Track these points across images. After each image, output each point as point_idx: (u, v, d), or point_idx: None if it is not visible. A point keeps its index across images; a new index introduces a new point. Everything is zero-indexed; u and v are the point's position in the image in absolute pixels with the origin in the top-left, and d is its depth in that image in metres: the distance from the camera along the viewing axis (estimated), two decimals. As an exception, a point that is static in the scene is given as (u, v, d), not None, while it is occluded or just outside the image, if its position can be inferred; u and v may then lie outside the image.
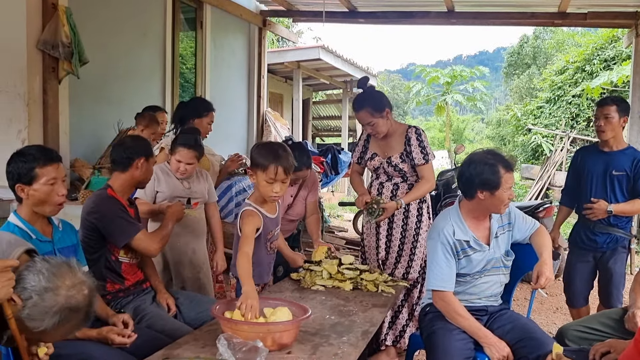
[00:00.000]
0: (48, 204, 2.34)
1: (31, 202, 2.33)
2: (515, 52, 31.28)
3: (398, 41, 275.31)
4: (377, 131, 3.54)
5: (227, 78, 7.73)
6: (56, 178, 2.33)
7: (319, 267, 3.24)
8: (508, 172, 2.67)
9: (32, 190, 2.30)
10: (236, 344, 1.88)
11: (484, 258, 2.79)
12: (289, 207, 3.78)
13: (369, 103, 3.51)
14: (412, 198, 3.58)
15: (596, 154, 3.85)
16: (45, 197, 2.32)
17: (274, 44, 15.11)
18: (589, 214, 3.74)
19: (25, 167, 2.29)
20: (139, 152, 2.89)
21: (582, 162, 3.90)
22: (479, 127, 37.60)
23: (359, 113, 3.54)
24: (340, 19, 7.93)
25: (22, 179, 2.30)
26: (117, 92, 5.59)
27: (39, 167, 2.30)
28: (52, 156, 2.36)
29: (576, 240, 3.92)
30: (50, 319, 1.68)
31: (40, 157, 2.32)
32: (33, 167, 2.29)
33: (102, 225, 2.73)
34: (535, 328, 2.70)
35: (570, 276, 3.99)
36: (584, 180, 3.85)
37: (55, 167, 2.34)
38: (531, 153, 18.10)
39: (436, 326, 2.73)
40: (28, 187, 2.30)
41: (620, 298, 3.82)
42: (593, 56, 16.90)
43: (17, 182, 2.31)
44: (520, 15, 7.31)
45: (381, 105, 3.51)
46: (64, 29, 4.32)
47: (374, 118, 3.49)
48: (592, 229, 3.79)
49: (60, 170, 2.36)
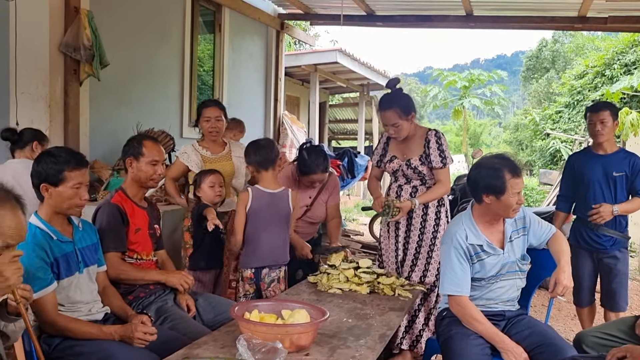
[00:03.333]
0: (69, 206, 2.39)
1: (53, 203, 2.38)
2: (534, 56, 31.07)
3: (415, 44, 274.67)
4: (399, 134, 3.53)
5: (244, 81, 7.77)
6: (81, 183, 2.39)
7: (336, 271, 3.24)
8: (515, 177, 2.64)
9: (57, 191, 2.35)
10: (255, 345, 1.89)
11: (499, 262, 2.77)
12: (307, 209, 3.80)
13: (398, 104, 3.50)
14: (426, 199, 3.58)
15: (593, 158, 3.94)
16: (68, 199, 2.37)
17: (291, 47, 15.15)
18: (595, 218, 3.80)
19: (55, 168, 2.34)
20: (126, 152, 2.96)
21: (580, 167, 3.99)
22: (496, 132, 37.35)
23: (386, 112, 3.51)
24: (358, 22, 7.92)
25: (49, 180, 2.35)
26: (136, 94, 5.65)
27: (68, 170, 2.35)
28: (81, 161, 2.43)
29: (578, 240, 3.98)
30: None
31: (70, 160, 2.38)
32: (62, 170, 2.35)
33: (98, 229, 2.77)
34: (553, 334, 2.68)
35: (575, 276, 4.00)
36: (585, 185, 3.93)
37: (82, 172, 2.40)
38: (549, 158, 17.95)
39: (453, 331, 2.72)
40: (53, 188, 2.35)
41: (626, 298, 3.92)
42: (613, 60, 16.72)
43: (43, 182, 2.36)
44: (539, 19, 7.25)
45: (409, 108, 3.51)
46: (86, 32, 4.38)
47: (400, 120, 3.48)
48: (596, 230, 3.85)
49: (86, 176, 2.42)
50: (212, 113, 3.93)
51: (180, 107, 6.38)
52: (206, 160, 3.92)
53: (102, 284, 2.66)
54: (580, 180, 3.96)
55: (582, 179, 3.95)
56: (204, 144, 4.00)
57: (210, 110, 3.94)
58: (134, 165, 2.92)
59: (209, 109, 3.94)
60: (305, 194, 3.77)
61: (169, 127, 5.49)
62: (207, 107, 3.97)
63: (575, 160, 4.11)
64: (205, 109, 3.96)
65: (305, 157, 3.65)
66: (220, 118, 3.95)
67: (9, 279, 1.70)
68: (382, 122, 3.63)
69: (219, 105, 4.06)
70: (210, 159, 3.94)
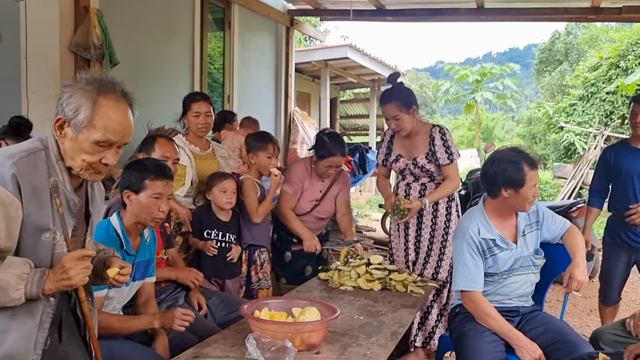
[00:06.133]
0: (147, 215, 2.44)
1: (133, 210, 2.44)
2: (546, 48, 30.76)
3: (426, 39, 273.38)
4: (401, 127, 3.50)
5: (254, 78, 7.75)
6: (162, 194, 2.45)
7: (347, 267, 3.22)
8: (532, 170, 2.63)
9: (137, 199, 2.42)
10: (265, 344, 1.88)
11: (512, 256, 2.74)
12: (317, 204, 3.77)
13: (397, 97, 3.49)
14: (436, 197, 3.55)
15: (632, 151, 3.78)
16: (147, 208, 2.42)
17: (301, 43, 15.11)
18: (634, 219, 3.67)
19: (138, 176, 2.42)
20: (140, 149, 3.05)
21: (617, 161, 3.82)
22: (509, 126, 37.06)
23: (386, 105, 3.51)
24: (368, 17, 7.87)
25: (132, 186, 2.42)
26: (146, 93, 5.65)
27: (150, 179, 2.42)
28: (165, 173, 2.48)
29: (614, 238, 3.86)
30: (87, 95, 1.67)
31: (154, 170, 2.45)
32: (144, 178, 2.42)
33: None
34: (569, 330, 2.65)
35: (607, 275, 3.95)
36: (623, 180, 3.77)
37: (164, 184, 2.46)
38: (563, 151, 17.77)
39: (466, 328, 2.69)
40: (134, 195, 2.42)
41: None
42: (628, 52, 16.49)
43: (126, 188, 2.43)
44: (552, 10, 7.15)
45: (409, 101, 3.49)
46: (96, 31, 4.38)
47: (401, 112, 3.46)
48: (634, 229, 3.72)
49: (167, 188, 2.48)
50: (202, 108, 3.70)
51: (191, 105, 6.37)
52: (196, 156, 3.73)
53: (146, 295, 2.63)
54: (617, 175, 3.80)
55: (618, 173, 3.78)
56: (190, 139, 3.77)
57: (199, 105, 3.70)
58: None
59: (198, 104, 3.70)
60: (315, 187, 3.75)
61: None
62: (196, 101, 3.72)
63: (611, 152, 3.91)
64: (193, 103, 3.71)
65: (326, 139, 3.64)
66: (210, 113, 3.75)
67: (72, 278, 1.65)
68: (384, 117, 3.61)
69: (208, 99, 3.81)
70: (199, 155, 3.76)
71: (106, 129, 1.67)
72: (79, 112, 1.66)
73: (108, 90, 1.69)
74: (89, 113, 1.66)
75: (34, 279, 1.61)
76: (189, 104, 3.74)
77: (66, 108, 1.67)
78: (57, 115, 1.69)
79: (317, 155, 3.68)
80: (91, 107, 1.66)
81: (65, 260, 1.65)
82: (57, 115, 1.69)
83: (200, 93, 3.93)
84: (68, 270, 1.64)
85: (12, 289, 1.58)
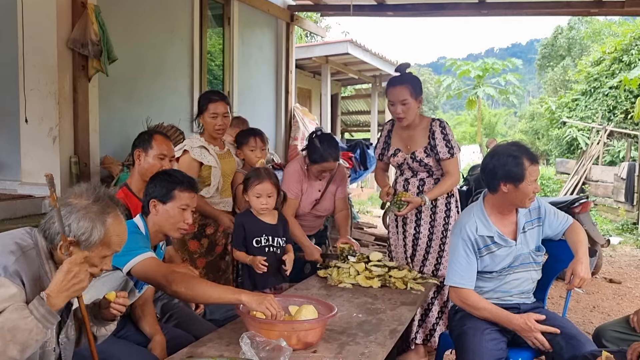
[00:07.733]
0: (172, 226, 2.46)
1: (158, 219, 2.45)
2: (549, 43, 30.62)
3: (428, 35, 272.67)
4: (406, 114, 3.44)
5: (255, 74, 7.71)
6: (188, 205, 2.47)
7: (346, 265, 3.19)
8: (533, 165, 2.59)
9: (164, 209, 2.44)
10: (259, 343, 1.84)
11: (511, 254, 2.70)
12: (316, 203, 3.73)
13: (409, 81, 3.47)
14: (436, 194, 3.50)
15: None
16: (172, 219, 2.45)
17: (302, 39, 15.05)
18: None
19: (167, 186, 2.44)
20: (136, 145, 2.99)
21: None
22: (511, 121, 36.97)
23: (396, 87, 3.43)
24: (369, 12, 7.81)
25: (159, 196, 2.44)
26: (145, 90, 5.62)
27: (179, 190, 2.45)
28: (193, 185, 2.52)
29: None
30: (97, 218, 1.74)
31: (183, 181, 2.48)
32: (173, 188, 2.44)
33: None
34: (571, 327, 2.61)
35: None
36: None
37: (192, 196, 2.49)
38: (566, 147, 17.71)
39: (466, 326, 2.66)
40: (162, 204, 2.44)
41: None
42: (631, 46, 16.40)
43: (153, 197, 2.45)
44: (554, 4, 7.09)
45: (419, 89, 3.47)
46: (93, 27, 4.35)
47: (410, 97, 3.41)
48: None
49: (194, 200, 2.50)
50: (219, 109, 3.56)
51: (191, 101, 6.33)
52: (218, 156, 3.64)
53: (144, 299, 2.56)
54: None
55: None
56: (208, 139, 3.63)
57: (216, 106, 3.56)
58: (141, 158, 2.91)
59: (216, 104, 3.56)
60: (313, 188, 3.69)
61: (179, 122, 5.45)
62: (213, 102, 3.57)
63: None
64: (210, 104, 3.57)
65: (317, 144, 3.51)
66: (227, 114, 3.62)
67: (84, 280, 1.66)
68: (390, 101, 3.48)
69: (226, 99, 3.67)
70: (220, 154, 3.67)
71: (117, 244, 1.81)
72: (92, 234, 1.74)
73: (112, 207, 1.80)
74: (102, 235, 1.75)
75: (35, 304, 1.58)
76: (206, 105, 3.59)
77: (77, 232, 1.72)
78: (61, 233, 1.70)
79: (310, 160, 3.57)
80: (103, 229, 1.75)
81: (71, 265, 1.64)
82: (64, 234, 1.70)
83: (218, 92, 3.79)
84: (78, 274, 1.64)
85: (21, 322, 1.53)
